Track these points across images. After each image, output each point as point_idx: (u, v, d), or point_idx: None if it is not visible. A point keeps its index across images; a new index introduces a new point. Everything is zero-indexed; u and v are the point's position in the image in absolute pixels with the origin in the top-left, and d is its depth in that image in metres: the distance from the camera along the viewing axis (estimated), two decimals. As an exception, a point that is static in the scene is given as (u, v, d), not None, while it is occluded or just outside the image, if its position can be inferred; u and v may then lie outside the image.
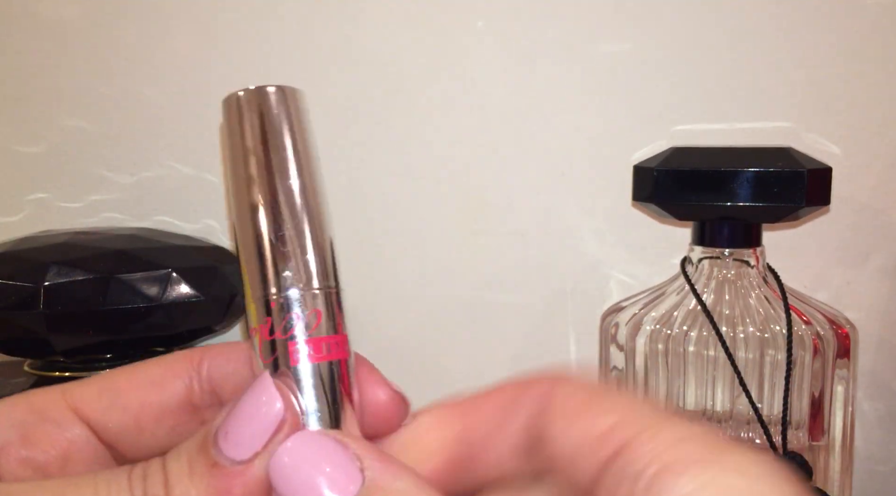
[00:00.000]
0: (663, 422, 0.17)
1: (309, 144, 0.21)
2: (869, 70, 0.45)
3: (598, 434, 0.17)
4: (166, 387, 0.22)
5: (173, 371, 0.22)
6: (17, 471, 0.20)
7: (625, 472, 0.16)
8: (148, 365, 0.22)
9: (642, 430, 0.17)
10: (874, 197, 0.46)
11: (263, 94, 0.20)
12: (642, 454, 0.16)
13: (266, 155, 0.20)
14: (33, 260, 0.41)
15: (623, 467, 0.16)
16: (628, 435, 0.17)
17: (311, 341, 0.19)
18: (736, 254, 0.40)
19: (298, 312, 0.19)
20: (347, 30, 0.48)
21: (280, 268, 0.19)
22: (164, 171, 0.51)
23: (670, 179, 0.39)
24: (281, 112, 0.21)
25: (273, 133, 0.20)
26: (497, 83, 0.48)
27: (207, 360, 0.22)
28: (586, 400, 0.18)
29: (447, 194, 0.49)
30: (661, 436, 0.16)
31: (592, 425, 0.18)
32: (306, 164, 0.21)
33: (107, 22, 0.50)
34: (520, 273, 0.49)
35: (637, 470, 0.16)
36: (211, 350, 0.23)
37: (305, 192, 0.20)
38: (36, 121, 0.51)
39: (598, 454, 0.17)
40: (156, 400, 0.22)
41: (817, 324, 0.39)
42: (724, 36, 0.46)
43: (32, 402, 0.21)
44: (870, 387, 0.47)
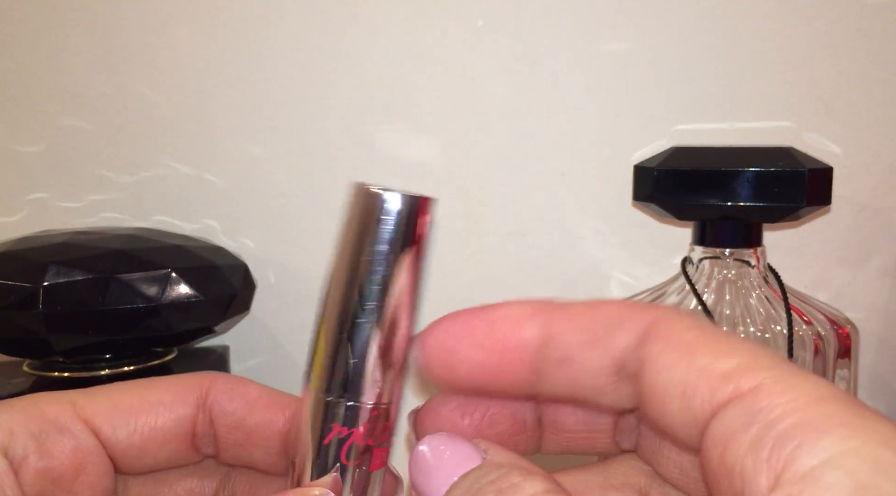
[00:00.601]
0: (799, 375, 0.16)
1: (424, 262, 0.21)
2: (869, 70, 0.45)
3: (721, 372, 0.16)
4: (175, 413, 0.22)
5: (184, 397, 0.22)
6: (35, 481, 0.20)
7: (755, 417, 0.15)
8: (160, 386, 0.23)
9: (777, 378, 0.15)
10: (875, 197, 0.46)
11: (399, 201, 0.20)
12: (779, 402, 0.15)
13: (383, 270, 0.20)
14: (32, 260, 0.41)
15: (752, 411, 0.15)
16: (759, 379, 0.16)
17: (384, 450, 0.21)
18: (736, 254, 0.40)
19: (389, 422, 0.20)
20: (347, 29, 0.48)
21: (369, 378, 0.20)
22: (164, 171, 0.51)
23: (671, 179, 0.39)
24: (406, 227, 0.20)
25: (392, 256, 0.20)
26: (497, 83, 0.48)
27: (213, 394, 0.23)
28: (700, 335, 0.17)
29: (447, 194, 0.49)
30: (800, 388, 0.15)
31: (713, 362, 0.16)
32: (416, 281, 0.21)
33: (107, 21, 0.50)
34: (520, 273, 0.49)
35: (771, 418, 0.15)
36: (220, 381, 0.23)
37: (411, 309, 0.21)
38: (35, 120, 0.51)
39: (718, 392, 0.16)
40: (165, 424, 0.22)
41: (818, 324, 0.39)
42: (724, 36, 0.46)
43: (45, 412, 0.21)
44: (871, 387, 0.47)
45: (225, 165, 0.51)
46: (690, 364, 0.17)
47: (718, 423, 0.16)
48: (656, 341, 0.17)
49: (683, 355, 0.17)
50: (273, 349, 0.52)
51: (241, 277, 0.46)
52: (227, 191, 0.51)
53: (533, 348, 0.19)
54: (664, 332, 0.18)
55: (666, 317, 0.18)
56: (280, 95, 0.49)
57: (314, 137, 0.50)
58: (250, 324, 0.52)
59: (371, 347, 0.20)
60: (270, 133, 0.50)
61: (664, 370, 0.17)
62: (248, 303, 0.47)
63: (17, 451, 0.20)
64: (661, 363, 0.17)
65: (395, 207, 0.20)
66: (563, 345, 0.19)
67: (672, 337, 0.17)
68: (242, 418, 0.22)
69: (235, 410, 0.22)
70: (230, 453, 0.23)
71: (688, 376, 0.17)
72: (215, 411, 0.22)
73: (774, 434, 0.15)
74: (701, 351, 0.17)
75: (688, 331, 0.17)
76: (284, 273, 0.51)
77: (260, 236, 0.51)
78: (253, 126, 0.50)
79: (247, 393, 0.23)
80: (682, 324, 0.18)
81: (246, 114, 0.50)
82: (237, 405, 0.22)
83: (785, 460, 0.14)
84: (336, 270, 0.21)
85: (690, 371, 0.17)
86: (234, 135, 0.50)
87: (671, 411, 0.17)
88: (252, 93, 0.50)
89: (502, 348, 0.20)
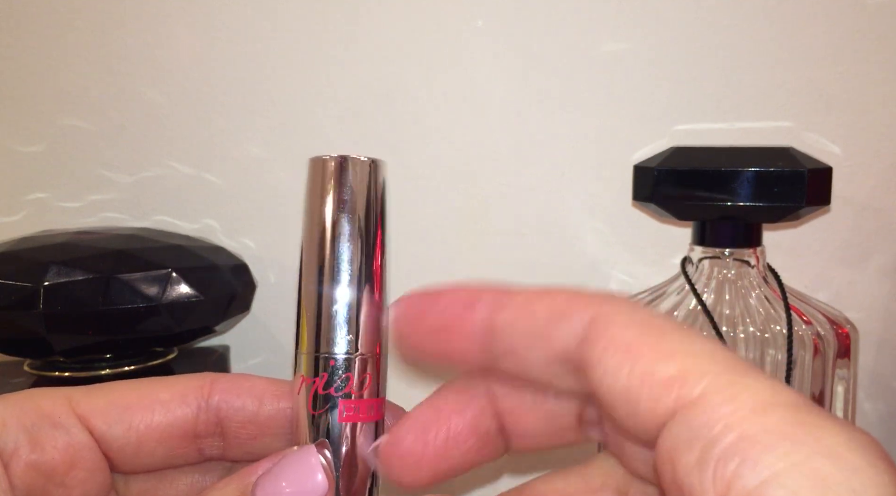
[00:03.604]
0: (741, 379, 0.15)
1: (382, 219, 0.23)
2: (869, 70, 0.45)
3: (662, 379, 0.16)
4: (173, 412, 0.22)
5: (183, 397, 0.22)
6: (25, 475, 0.20)
7: (696, 433, 0.15)
8: (158, 385, 0.23)
9: (719, 386, 0.15)
10: (875, 197, 0.46)
11: (348, 163, 0.22)
12: (720, 416, 0.14)
13: (337, 224, 0.22)
14: (33, 260, 0.41)
15: (695, 427, 0.15)
16: (701, 388, 0.15)
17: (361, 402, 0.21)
18: (736, 253, 0.40)
19: (352, 373, 0.21)
20: (347, 29, 0.48)
21: (337, 330, 0.21)
22: (163, 171, 0.51)
23: (671, 179, 0.39)
24: (361, 183, 0.22)
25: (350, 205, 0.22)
26: (497, 83, 0.48)
27: (217, 394, 0.22)
28: (645, 335, 0.16)
29: (447, 194, 0.49)
30: (742, 396, 0.15)
31: (653, 367, 0.16)
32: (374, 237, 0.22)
33: (107, 21, 0.50)
34: (520, 273, 0.49)
35: (713, 434, 0.14)
36: (221, 380, 0.23)
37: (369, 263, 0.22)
38: (35, 120, 0.51)
39: (661, 402, 0.15)
40: (161, 422, 0.22)
41: (818, 323, 0.39)
42: (724, 36, 0.46)
43: (41, 406, 0.21)
44: (870, 387, 0.47)
45: (225, 165, 0.51)
46: (632, 369, 0.16)
47: (665, 439, 0.16)
48: (597, 341, 0.17)
49: (625, 359, 0.16)
50: (273, 349, 0.52)
51: (241, 277, 0.46)
52: (227, 191, 0.51)
53: (479, 336, 0.19)
54: (604, 331, 0.17)
55: (607, 312, 0.17)
56: (280, 95, 0.49)
57: (314, 137, 0.50)
58: (250, 324, 0.52)
59: (333, 302, 0.21)
60: (270, 133, 0.50)
61: (607, 375, 0.17)
62: (248, 303, 0.47)
63: (8, 444, 0.20)
64: (603, 367, 0.17)
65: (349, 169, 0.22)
66: (506, 337, 0.19)
67: (613, 337, 0.17)
68: (254, 412, 0.22)
69: (245, 405, 0.22)
70: (243, 448, 0.23)
71: (630, 382, 0.16)
72: (223, 410, 0.22)
73: (717, 451, 0.14)
74: (641, 353, 0.16)
75: (628, 330, 0.17)
76: (284, 273, 0.51)
77: (260, 236, 0.51)
78: (253, 126, 0.50)
79: (252, 387, 0.23)
80: (623, 321, 0.17)
81: (246, 114, 0.50)
82: (246, 400, 0.22)
83: (728, 480, 0.14)
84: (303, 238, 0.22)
85: (632, 377, 0.16)
86: (234, 135, 0.50)
87: (619, 416, 0.17)
88: (252, 93, 0.50)
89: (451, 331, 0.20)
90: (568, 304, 0.18)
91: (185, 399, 0.22)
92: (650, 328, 0.17)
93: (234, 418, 0.22)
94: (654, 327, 0.17)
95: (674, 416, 0.15)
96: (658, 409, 0.16)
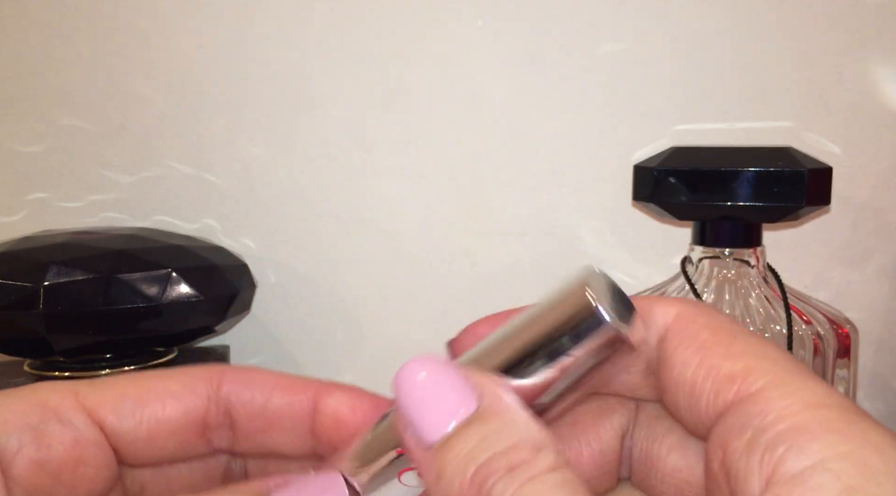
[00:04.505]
0: (799, 379, 0.16)
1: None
2: (869, 70, 0.45)
3: (727, 374, 0.17)
4: (184, 404, 0.22)
5: (193, 388, 0.22)
6: (30, 475, 0.20)
7: (751, 421, 0.16)
8: (167, 377, 0.22)
9: (777, 383, 0.16)
10: (874, 196, 0.46)
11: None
12: (775, 408, 0.15)
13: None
14: (33, 260, 0.41)
15: (749, 415, 0.16)
16: (760, 384, 0.16)
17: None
18: (736, 253, 0.40)
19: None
20: (348, 29, 0.48)
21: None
22: (163, 170, 0.51)
23: (670, 179, 0.39)
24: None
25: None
26: (497, 83, 0.48)
27: (227, 384, 0.22)
28: (715, 334, 0.18)
29: (447, 194, 0.49)
30: (797, 394, 0.16)
31: (721, 363, 0.17)
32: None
33: (106, 21, 0.50)
34: (520, 273, 0.49)
35: (766, 422, 0.15)
36: (230, 372, 0.23)
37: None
38: (35, 120, 0.51)
39: (722, 394, 0.17)
40: (173, 414, 0.22)
41: (818, 323, 0.39)
42: (724, 36, 0.46)
43: (46, 402, 0.21)
44: (870, 387, 0.47)
45: (225, 165, 0.51)
46: (700, 364, 0.17)
47: (720, 427, 0.16)
48: (673, 338, 0.18)
49: (695, 354, 0.17)
50: (273, 349, 0.52)
51: (241, 277, 0.46)
52: (227, 191, 0.51)
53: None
54: (681, 329, 0.18)
55: (686, 312, 0.18)
56: (280, 95, 0.49)
57: (314, 137, 0.50)
58: (250, 324, 0.52)
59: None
60: (270, 133, 0.50)
61: (676, 368, 0.18)
62: (249, 303, 0.47)
63: (11, 443, 0.19)
64: (674, 360, 0.18)
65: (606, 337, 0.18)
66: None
67: (688, 334, 0.18)
68: (262, 405, 0.22)
69: (254, 397, 0.22)
70: (250, 441, 0.23)
71: (696, 376, 0.17)
72: (232, 401, 0.22)
73: (767, 438, 0.15)
74: (712, 351, 0.17)
75: (704, 330, 0.18)
76: (284, 273, 0.51)
77: (260, 236, 0.51)
78: (253, 126, 0.50)
79: (263, 380, 0.22)
80: (700, 321, 0.18)
81: (246, 114, 0.50)
82: (255, 392, 0.22)
83: (775, 463, 0.15)
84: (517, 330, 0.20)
85: (699, 371, 0.17)
86: (234, 135, 0.50)
87: (682, 408, 0.18)
88: (252, 93, 0.50)
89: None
90: (648, 309, 0.19)
91: (196, 390, 0.22)
92: (724, 330, 0.18)
93: (243, 411, 0.22)
94: (727, 330, 0.18)
95: (731, 408, 0.16)
96: (718, 401, 0.17)
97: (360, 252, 0.51)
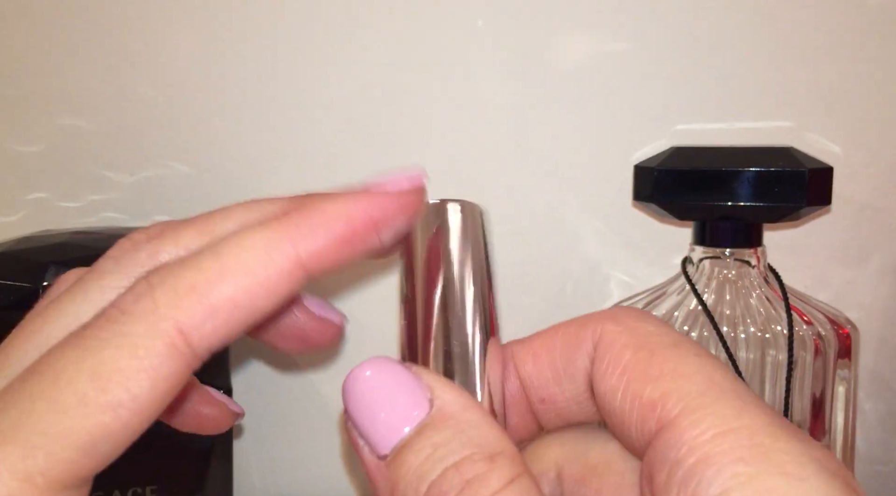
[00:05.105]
0: (709, 402, 0.16)
1: (488, 260, 0.22)
2: (869, 70, 0.45)
3: (648, 402, 0.17)
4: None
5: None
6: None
7: (668, 455, 0.16)
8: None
9: (690, 409, 0.16)
10: (875, 196, 0.46)
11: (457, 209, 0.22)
12: (686, 439, 0.15)
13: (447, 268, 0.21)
14: (32, 260, 0.41)
15: (667, 448, 0.16)
16: (676, 411, 0.16)
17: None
18: (737, 254, 0.40)
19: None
20: (347, 29, 0.48)
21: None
22: (163, 170, 0.51)
23: (671, 179, 0.39)
24: (466, 229, 0.22)
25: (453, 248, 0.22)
26: (497, 83, 0.48)
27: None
28: (636, 353, 0.17)
29: (447, 194, 0.49)
30: (706, 421, 0.16)
31: (642, 389, 0.17)
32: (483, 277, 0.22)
33: (107, 21, 0.50)
34: (519, 273, 0.49)
35: (680, 455, 0.15)
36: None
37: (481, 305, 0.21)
38: (34, 120, 0.51)
39: (647, 423, 0.16)
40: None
41: (818, 324, 0.39)
42: (724, 35, 0.46)
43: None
44: (871, 387, 0.47)
45: (225, 165, 0.51)
46: (625, 391, 0.17)
47: (646, 459, 0.16)
48: (599, 363, 0.18)
49: (619, 380, 0.17)
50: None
51: (241, 277, 0.46)
52: (226, 191, 0.51)
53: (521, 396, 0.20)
54: (605, 352, 0.18)
55: (608, 332, 0.18)
56: (280, 95, 0.49)
57: (314, 137, 0.50)
58: (250, 325, 0.51)
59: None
60: (270, 133, 0.50)
61: (606, 396, 0.18)
62: (248, 304, 0.47)
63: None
64: (603, 388, 0.18)
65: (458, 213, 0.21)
66: (534, 387, 0.20)
67: (611, 358, 0.18)
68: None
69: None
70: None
71: (623, 405, 0.17)
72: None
73: (681, 474, 0.15)
74: (634, 374, 0.17)
75: (625, 350, 0.18)
76: (284, 273, 0.51)
77: (260, 236, 0.51)
78: (252, 126, 0.50)
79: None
80: (623, 341, 0.18)
81: (246, 114, 0.50)
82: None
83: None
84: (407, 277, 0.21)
85: (625, 400, 0.17)
86: (234, 135, 0.50)
87: (618, 436, 0.18)
88: (252, 93, 0.50)
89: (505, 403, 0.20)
90: (576, 334, 0.19)
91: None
92: (645, 348, 0.17)
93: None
94: (648, 347, 0.17)
95: (655, 438, 0.16)
96: (644, 430, 0.17)
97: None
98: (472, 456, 0.16)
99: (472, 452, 0.16)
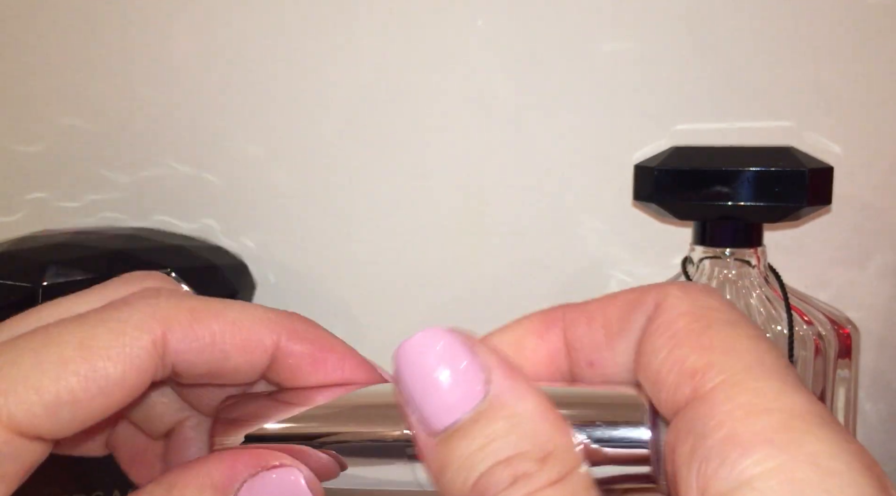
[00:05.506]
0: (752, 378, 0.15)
1: None
2: (869, 70, 0.45)
3: (689, 369, 0.16)
4: (128, 392, 0.19)
5: (137, 367, 0.19)
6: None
7: (695, 426, 0.15)
8: (106, 358, 0.18)
9: (729, 383, 0.15)
10: (876, 196, 0.46)
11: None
12: (714, 413, 0.15)
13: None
14: (32, 260, 0.41)
15: (695, 419, 0.15)
16: (714, 382, 0.15)
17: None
18: (737, 253, 0.40)
19: None
20: (347, 29, 0.48)
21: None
22: (163, 170, 0.51)
23: (671, 179, 0.39)
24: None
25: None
26: (497, 83, 0.48)
27: (174, 354, 0.19)
28: (692, 323, 0.17)
29: (447, 194, 0.49)
30: (743, 396, 0.15)
31: (688, 356, 0.16)
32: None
33: (107, 21, 0.50)
34: (520, 273, 0.49)
35: (707, 429, 0.15)
36: (177, 331, 0.20)
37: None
38: (34, 120, 0.51)
39: (680, 390, 0.16)
40: (112, 406, 0.19)
41: (819, 324, 0.39)
42: (724, 36, 0.46)
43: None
44: (871, 388, 0.47)
45: (225, 165, 0.51)
46: (668, 354, 0.16)
47: (673, 426, 0.16)
48: (652, 323, 0.17)
49: (666, 343, 0.17)
50: (273, 349, 0.52)
51: (241, 277, 0.46)
52: (227, 191, 0.51)
53: (560, 356, 0.19)
54: (661, 314, 0.17)
55: (671, 296, 0.18)
56: (280, 95, 0.49)
57: (314, 137, 0.50)
58: (250, 325, 0.51)
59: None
60: (270, 133, 0.50)
61: (647, 353, 0.17)
62: (248, 304, 0.47)
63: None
64: (647, 346, 0.17)
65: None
66: (584, 349, 0.19)
67: (664, 321, 0.17)
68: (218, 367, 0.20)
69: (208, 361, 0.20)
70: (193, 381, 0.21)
71: (662, 366, 0.16)
72: (179, 367, 0.20)
73: (704, 448, 0.15)
74: (683, 341, 0.16)
75: (682, 317, 0.17)
76: (284, 273, 0.51)
77: (260, 236, 0.51)
78: (253, 126, 0.50)
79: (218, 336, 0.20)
80: (681, 308, 0.17)
81: (246, 114, 0.50)
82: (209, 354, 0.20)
83: (709, 478, 0.14)
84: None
85: (666, 361, 0.16)
86: (234, 135, 0.50)
87: (655, 399, 0.17)
88: (252, 93, 0.50)
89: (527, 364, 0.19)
90: (635, 299, 0.18)
91: (141, 367, 0.19)
92: (703, 319, 0.17)
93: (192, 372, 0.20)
94: (707, 319, 0.17)
95: (686, 406, 0.16)
96: (677, 396, 0.16)
97: (360, 252, 0.50)
98: (524, 453, 0.16)
99: (524, 449, 0.16)
